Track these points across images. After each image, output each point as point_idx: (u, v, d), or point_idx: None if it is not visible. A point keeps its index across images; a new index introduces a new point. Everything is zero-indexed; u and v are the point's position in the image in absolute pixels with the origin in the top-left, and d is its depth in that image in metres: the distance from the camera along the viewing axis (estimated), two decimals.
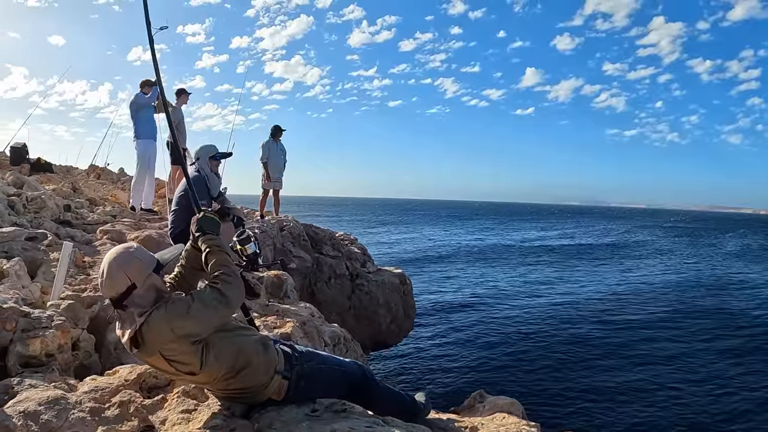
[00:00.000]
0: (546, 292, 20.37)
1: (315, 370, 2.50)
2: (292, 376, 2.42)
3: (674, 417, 9.15)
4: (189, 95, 9.53)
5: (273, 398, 2.40)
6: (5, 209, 5.37)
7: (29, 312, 2.90)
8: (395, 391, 2.85)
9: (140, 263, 2.19)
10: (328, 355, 2.73)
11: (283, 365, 2.41)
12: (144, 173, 8.86)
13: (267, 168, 10.03)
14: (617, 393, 10.09)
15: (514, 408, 3.30)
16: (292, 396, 2.43)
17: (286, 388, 2.40)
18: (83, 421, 2.18)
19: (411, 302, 10.87)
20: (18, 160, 10.61)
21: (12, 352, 2.68)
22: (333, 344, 4.46)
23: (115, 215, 7.89)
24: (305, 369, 2.47)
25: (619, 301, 18.77)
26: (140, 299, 2.15)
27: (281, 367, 2.40)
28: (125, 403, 2.36)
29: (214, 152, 5.65)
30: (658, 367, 11.68)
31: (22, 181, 7.31)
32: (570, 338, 13.83)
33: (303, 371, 2.46)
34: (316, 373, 2.50)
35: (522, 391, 9.92)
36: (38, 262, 4.17)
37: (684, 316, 16.62)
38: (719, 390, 10.41)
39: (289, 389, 2.41)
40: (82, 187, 10.16)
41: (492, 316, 16.17)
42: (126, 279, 2.13)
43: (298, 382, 2.43)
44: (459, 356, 12.25)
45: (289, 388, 2.41)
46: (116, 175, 16.00)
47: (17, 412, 2.11)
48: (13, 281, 3.50)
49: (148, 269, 2.20)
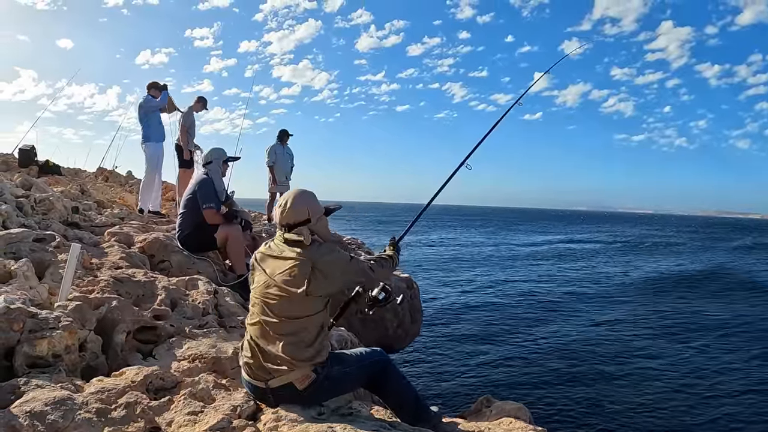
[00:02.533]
0: (554, 298, 20.27)
1: (341, 375, 2.57)
2: (321, 374, 2.49)
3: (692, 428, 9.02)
4: (206, 107, 9.68)
5: (295, 384, 2.45)
6: (13, 210, 5.39)
7: (36, 313, 2.91)
8: (412, 388, 2.88)
9: (318, 206, 2.68)
10: (354, 355, 2.76)
11: (323, 360, 2.52)
12: (152, 176, 8.90)
13: (273, 172, 10.07)
14: (628, 401, 9.98)
15: (522, 413, 3.27)
16: (312, 392, 2.48)
17: (310, 382, 2.46)
18: (89, 422, 2.18)
19: (418, 306, 10.83)
20: (26, 162, 10.68)
21: (19, 353, 2.68)
22: (339, 348, 4.44)
23: (123, 217, 7.91)
24: (333, 372, 2.54)
25: (637, 309, 18.59)
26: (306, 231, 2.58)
27: (320, 360, 2.51)
28: (132, 404, 2.36)
29: (226, 156, 5.68)
30: (675, 376, 11.53)
31: (31, 183, 7.35)
32: (581, 344, 13.74)
33: (331, 374, 2.52)
34: (341, 378, 2.57)
35: (529, 396, 9.86)
36: (46, 263, 4.18)
37: (714, 325, 16.19)
38: (755, 406, 10.03)
39: (313, 383, 2.46)
40: (90, 190, 10.21)
41: (499, 321, 16.11)
42: (306, 212, 2.60)
43: (322, 382, 2.49)
44: (466, 361, 12.19)
45: (314, 382, 2.46)
46: (124, 177, 16.09)
47: (24, 412, 2.11)
48: (21, 282, 3.51)
49: (321, 211, 2.68)
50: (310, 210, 2.60)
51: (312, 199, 2.66)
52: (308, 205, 2.62)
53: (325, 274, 2.47)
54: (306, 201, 2.63)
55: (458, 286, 22.45)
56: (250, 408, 2.48)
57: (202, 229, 5.42)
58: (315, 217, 2.61)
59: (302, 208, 2.60)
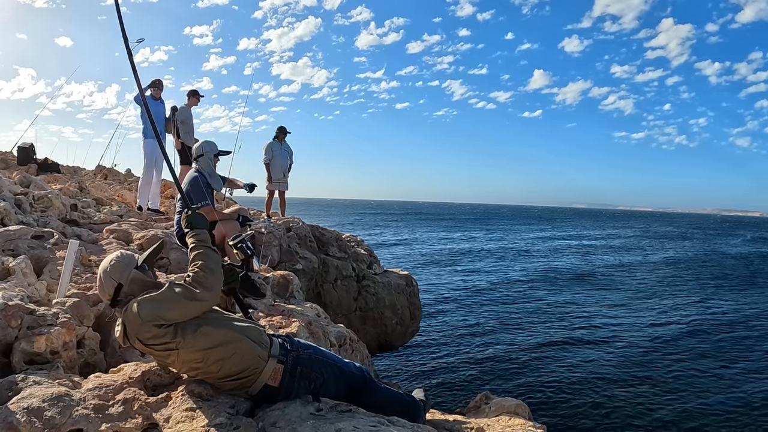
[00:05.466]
0: (555, 295, 20.29)
1: (312, 359, 2.53)
2: (288, 361, 2.46)
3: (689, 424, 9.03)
4: (201, 98, 9.62)
5: (270, 384, 2.42)
6: (12, 208, 5.38)
7: (35, 309, 2.90)
8: (396, 393, 2.85)
9: (121, 264, 2.49)
10: (326, 350, 2.74)
11: (278, 350, 2.47)
12: (151, 173, 8.89)
13: (269, 169, 10.07)
14: (626, 398, 10.01)
15: (521, 409, 3.28)
16: (289, 383, 2.44)
17: (281, 373, 2.43)
18: (87, 418, 2.17)
19: (417, 304, 10.85)
20: (25, 160, 10.66)
21: (17, 349, 2.68)
22: (339, 345, 4.44)
23: (122, 215, 7.90)
24: (302, 355, 2.51)
25: (632, 306, 18.62)
26: (126, 295, 2.45)
27: (276, 351, 2.47)
28: (129, 400, 2.35)
29: (216, 150, 5.66)
30: (672, 372, 11.56)
31: (29, 181, 7.34)
32: (579, 340, 13.77)
33: (299, 357, 2.49)
34: (313, 362, 2.53)
35: (528, 392, 9.88)
36: (44, 260, 4.18)
37: (714, 325, 16.17)
38: (746, 406, 10.01)
39: (285, 374, 2.44)
40: (88, 187, 10.19)
41: (499, 318, 16.13)
42: (112, 281, 2.45)
43: (294, 368, 2.46)
44: (465, 358, 12.21)
45: (285, 372, 2.44)
46: (123, 175, 16.06)
47: (21, 408, 2.10)
48: (19, 279, 3.50)
49: (128, 267, 2.50)
50: (113, 277, 2.46)
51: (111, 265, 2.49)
52: (111, 273, 2.46)
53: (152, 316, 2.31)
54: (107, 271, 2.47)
55: (457, 283, 22.47)
56: (247, 404, 2.48)
57: None
58: (124, 277, 2.47)
59: (107, 280, 2.46)
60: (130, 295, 2.43)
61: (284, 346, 2.53)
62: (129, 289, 2.45)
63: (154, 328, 2.31)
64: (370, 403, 2.63)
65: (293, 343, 2.59)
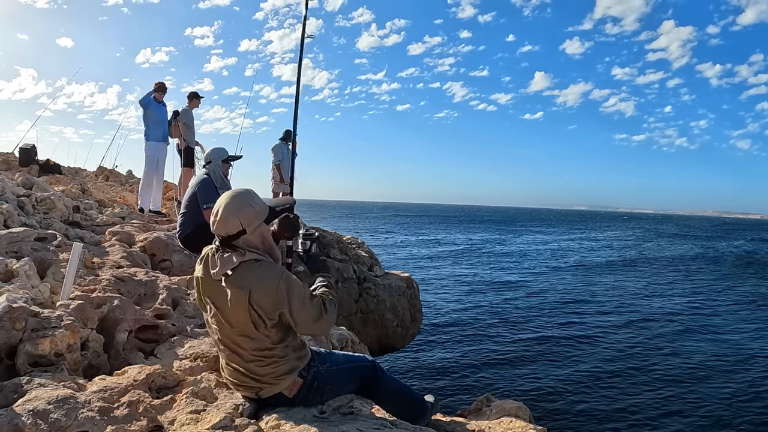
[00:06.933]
0: (556, 297, 20.27)
1: (330, 373, 2.52)
2: (308, 377, 2.44)
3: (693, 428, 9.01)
4: (201, 99, 9.63)
5: (284, 393, 2.41)
6: (15, 210, 5.40)
7: (39, 312, 2.91)
8: (404, 386, 2.87)
9: (253, 212, 2.29)
10: (341, 354, 2.75)
11: (305, 364, 2.45)
12: (152, 175, 8.90)
13: (280, 170, 10.04)
14: (629, 400, 10.00)
15: (522, 412, 3.28)
16: (303, 395, 2.44)
17: (299, 387, 2.42)
18: (92, 420, 2.19)
19: (418, 306, 10.84)
20: (27, 161, 10.67)
21: (21, 352, 2.69)
22: (340, 347, 4.45)
23: (124, 217, 7.91)
24: (320, 371, 2.49)
25: (636, 308, 18.57)
26: (247, 244, 2.28)
27: (302, 365, 2.45)
28: (134, 403, 2.36)
29: (226, 155, 5.69)
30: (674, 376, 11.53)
31: (32, 182, 7.35)
32: (581, 342, 13.75)
33: (318, 373, 2.48)
34: (330, 376, 2.52)
35: (530, 395, 9.87)
36: (48, 262, 4.19)
37: (716, 326, 16.15)
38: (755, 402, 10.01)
39: (302, 388, 2.43)
40: (90, 189, 10.21)
41: (500, 320, 16.11)
42: (238, 224, 2.24)
43: (311, 383, 2.45)
44: (466, 360, 12.20)
45: (303, 387, 2.43)
46: (124, 177, 16.08)
47: (26, 410, 2.12)
48: (23, 281, 3.52)
49: (259, 218, 2.31)
50: (242, 221, 2.25)
51: (242, 208, 2.26)
52: (239, 215, 2.25)
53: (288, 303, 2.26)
54: (236, 211, 2.25)
55: (458, 285, 22.46)
56: (252, 407, 2.49)
57: (203, 229, 5.42)
58: (252, 227, 2.28)
59: (232, 220, 2.25)
60: (246, 246, 2.27)
61: (312, 360, 2.50)
62: (251, 239, 2.28)
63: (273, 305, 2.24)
64: (378, 394, 2.68)
65: (315, 357, 2.54)
